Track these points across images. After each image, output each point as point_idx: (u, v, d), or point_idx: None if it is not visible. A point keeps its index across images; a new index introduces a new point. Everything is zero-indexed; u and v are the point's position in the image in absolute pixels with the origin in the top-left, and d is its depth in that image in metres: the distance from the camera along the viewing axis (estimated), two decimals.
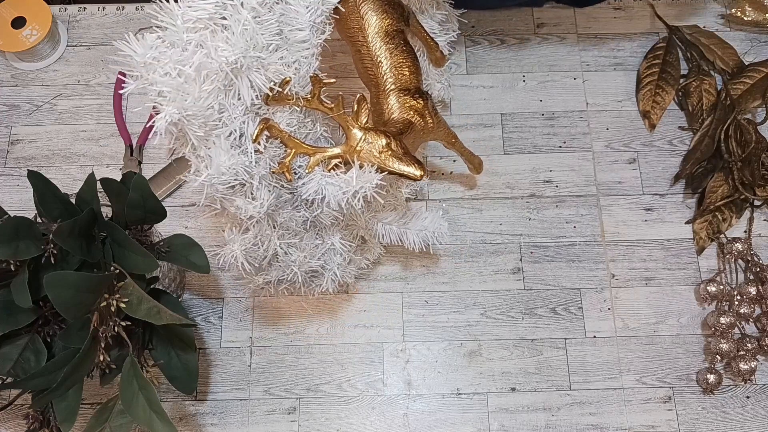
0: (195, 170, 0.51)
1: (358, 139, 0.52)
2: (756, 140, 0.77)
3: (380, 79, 0.58)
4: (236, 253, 0.57)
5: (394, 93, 0.57)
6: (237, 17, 0.46)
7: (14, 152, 0.81)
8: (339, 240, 0.63)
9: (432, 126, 0.59)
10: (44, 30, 0.82)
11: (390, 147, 0.52)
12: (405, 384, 0.72)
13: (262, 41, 0.47)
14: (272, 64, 0.49)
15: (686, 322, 0.74)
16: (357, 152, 0.52)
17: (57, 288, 0.50)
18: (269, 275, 0.64)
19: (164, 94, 0.45)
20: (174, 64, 0.45)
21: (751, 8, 0.85)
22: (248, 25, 0.46)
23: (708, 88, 0.81)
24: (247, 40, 0.46)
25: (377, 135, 0.52)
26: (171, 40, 0.45)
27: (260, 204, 0.52)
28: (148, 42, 0.45)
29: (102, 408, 0.57)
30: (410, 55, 0.59)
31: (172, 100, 0.45)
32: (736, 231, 0.77)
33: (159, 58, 0.45)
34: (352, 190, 0.51)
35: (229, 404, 0.71)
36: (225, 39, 0.45)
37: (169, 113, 0.45)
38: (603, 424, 0.70)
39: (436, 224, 0.66)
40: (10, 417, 0.70)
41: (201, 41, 0.45)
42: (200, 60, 0.45)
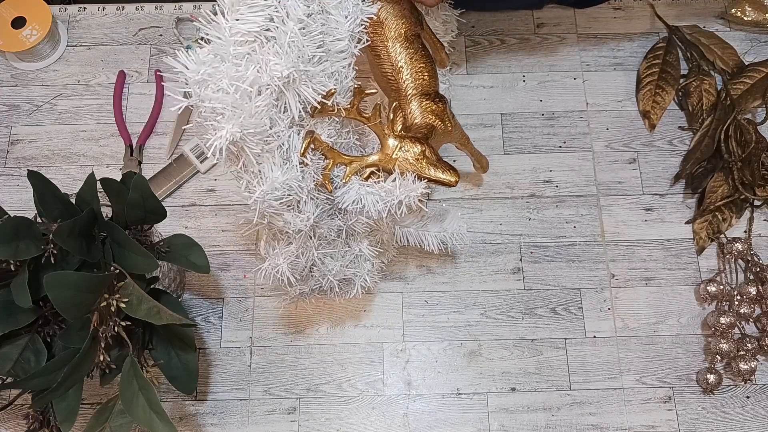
0: (247, 187, 0.50)
1: (394, 148, 0.52)
2: (756, 140, 0.77)
3: (401, 84, 0.57)
4: (282, 267, 0.56)
5: (416, 98, 0.57)
6: (284, 29, 0.44)
7: (14, 152, 0.81)
8: (367, 246, 0.63)
9: (451, 129, 0.59)
10: (44, 30, 0.82)
11: (425, 154, 0.52)
12: (405, 384, 0.72)
13: (308, 53, 0.47)
14: (316, 76, 0.48)
15: (686, 322, 0.74)
16: (393, 161, 0.52)
17: (57, 288, 0.50)
18: (305, 286, 0.64)
19: (219, 110, 0.44)
20: (230, 80, 0.43)
21: (751, 8, 0.85)
22: (295, 37, 0.45)
23: (708, 88, 0.81)
24: (296, 53, 0.45)
25: (412, 143, 0.52)
26: (218, 53, 0.44)
27: (307, 217, 0.52)
28: (201, 57, 0.44)
29: (102, 408, 0.57)
30: (428, 59, 0.59)
31: (230, 118, 0.44)
32: (736, 231, 0.77)
33: (213, 74, 0.44)
34: (396, 199, 0.51)
35: (229, 404, 0.71)
36: (275, 52, 0.44)
37: (231, 131, 0.44)
38: (603, 424, 0.70)
39: (455, 225, 0.66)
40: (10, 417, 0.71)
41: (249, 55, 0.44)
42: (253, 75, 0.44)
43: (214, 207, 0.79)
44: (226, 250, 0.77)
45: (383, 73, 0.58)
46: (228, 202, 0.79)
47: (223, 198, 0.79)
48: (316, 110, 0.49)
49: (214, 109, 0.44)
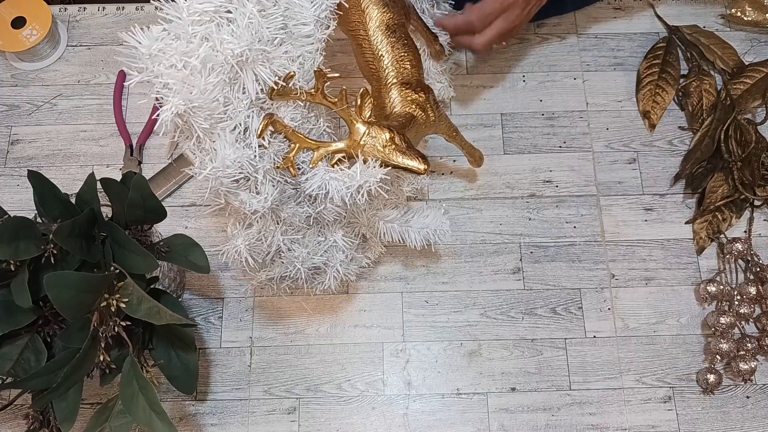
0: (200, 163, 0.51)
1: (362, 134, 0.52)
2: (756, 140, 0.77)
3: (381, 72, 0.58)
4: (240, 248, 0.57)
5: (395, 86, 0.57)
6: (242, 10, 0.46)
7: (14, 152, 0.81)
8: (341, 237, 0.63)
9: (434, 119, 0.59)
10: (44, 30, 0.82)
11: (394, 141, 0.52)
12: (405, 384, 0.72)
13: (267, 35, 0.47)
14: (277, 59, 0.49)
15: (686, 322, 0.74)
16: (361, 147, 0.52)
17: (57, 288, 0.50)
18: (272, 272, 0.64)
19: (170, 86, 0.45)
20: (180, 55, 0.45)
21: (751, 8, 0.85)
22: (253, 18, 0.46)
23: (708, 88, 0.81)
24: (252, 33, 0.46)
25: (381, 129, 0.52)
26: (176, 32, 0.45)
27: (264, 198, 0.53)
28: (154, 34, 0.45)
29: (102, 408, 0.57)
30: (411, 49, 0.59)
31: (178, 92, 0.45)
32: (736, 231, 0.77)
33: (165, 50, 0.45)
34: (356, 184, 0.51)
35: (229, 404, 0.71)
36: (231, 32, 0.45)
37: (175, 104, 0.45)
38: (603, 424, 0.70)
39: (437, 222, 0.66)
40: (10, 417, 0.71)
41: (206, 34, 0.45)
42: (206, 52, 0.45)
43: (214, 207, 0.79)
44: None
45: (366, 61, 0.58)
46: None
47: None
48: (273, 92, 0.49)
49: (165, 84, 0.45)
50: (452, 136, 0.67)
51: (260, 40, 0.47)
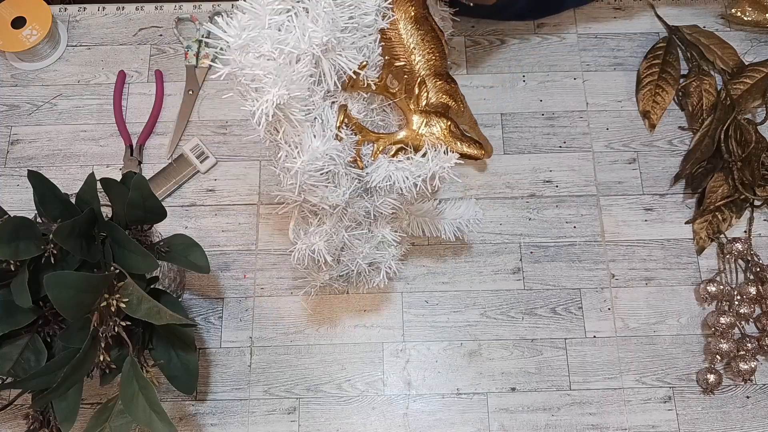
0: (285, 157, 0.49)
1: (420, 123, 0.52)
2: (756, 140, 0.77)
3: (414, 65, 0.58)
4: (319, 245, 0.56)
5: (429, 78, 0.57)
6: (317, 0, 0.44)
7: (14, 152, 0.81)
8: (389, 231, 0.63)
9: (462, 109, 0.60)
10: (44, 30, 0.82)
11: (450, 129, 0.53)
12: (405, 384, 0.72)
13: (341, 23, 0.46)
14: (348, 48, 0.48)
15: (686, 322, 0.74)
16: (420, 137, 0.52)
17: (57, 288, 0.50)
18: (334, 270, 0.63)
19: (260, 77, 0.43)
20: (274, 44, 0.43)
21: (751, 8, 0.85)
22: (328, 7, 0.45)
23: (708, 88, 0.81)
24: (330, 21, 0.45)
25: (438, 118, 0.52)
26: (256, 23, 0.44)
27: (343, 192, 0.52)
28: (242, 23, 0.43)
29: (102, 408, 0.57)
30: (438, 40, 0.59)
31: (274, 83, 0.43)
32: (736, 231, 0.77)
33: (256, 39, 0.43)
34: (429, 171, 0.50)
35: (229, 404, 0.71)
36: (312, 19, 0.44)
37: (278, 94, 0.43)
38: (603, 424, 0.70)
39: (471, 211, 0.66)
40: (10, 417, 0.71)
41: (286, 24, 0.44)
42: (295, 41, 0.43)
43: (214, 207, 0.79)
44: (226, 250, 0.77)
45: (395, 56, 0.58)
46: (228, 202, 0.79)
47: (223, 198, 0.79)
48: (349, 83, 0.49)
49: (254, 76, 0.43)
50: (473, 126, 0.69)
51: (336, 27, 0.46)
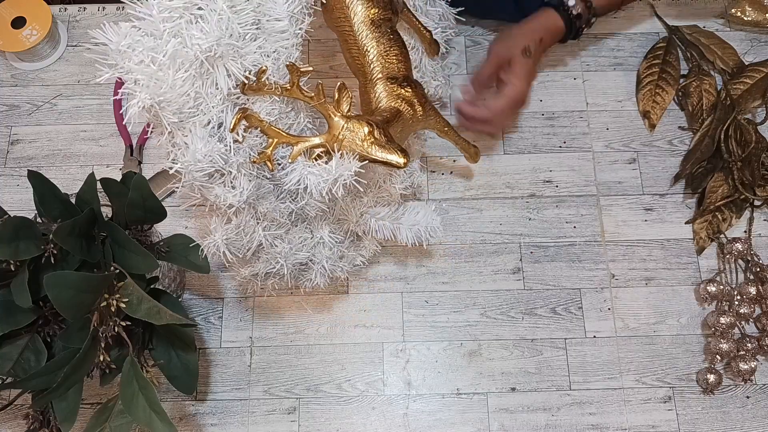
0: (172, 158, 0.51)
1: (340, 128, 0.51)
2: (756, 140, 0.77)
3: (367, 67, 0.58)
4: (218, 242, 0.57)
5: (381, 81, 0.57)
6: (212, 6, 0.46)
7: (14, 152, 0.81)
8: (328, 234, 0.64)
9: (422, 114, 0.59)
10: (44, 30, 0.82)
11: (373, 135, 0.52)
12: (405, 384, 0.72)
13: (239, 30, 0.48)
14: (250, 54, 0.49)
15: (686, 322, 0.74)
16: (339, 141, 0.51)
17: (57, 288, 0.50)
18: (255, 268, 0.64)
19: (139, 81, 0.46)
20: (148, 51, 0.46)
21: (751, 8, 0.85)
22: (224, 14, 0.46)
23: (708, 88, 0.81)
24: (222, 29, 0.46)
25: (359, 123, 0.52)
26: (148, 30, 0.46)
27: (240, 193, 0.53)
28: (123, 30, 0.47)
29: (102, 408, 0.57)
30: (397, 44, 0.59)
31: (146, 86, 0.46)
32: (736, 231, 0.77)
33: (133, 46, 0.46)
34: (331, 178, 0.51)
35: (229, 404, 0.71)
36: (200, 28, 0.46)
37: (142, 99, 0.46)
38: (603, 424, 0.70)
39: (428, 219, 0.66)
40: (10, 417, 0.71)
41: (176, 30, 0.46)
42: (174, 48, 0.45)
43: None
44: None
45: (352, 57, 0.58)
46: None
47: None
48: (246, 86, 0.49)
49: (136, 80, 0.46)
50: (443, 131, 0.67)
51: (231, 35, 0.47)
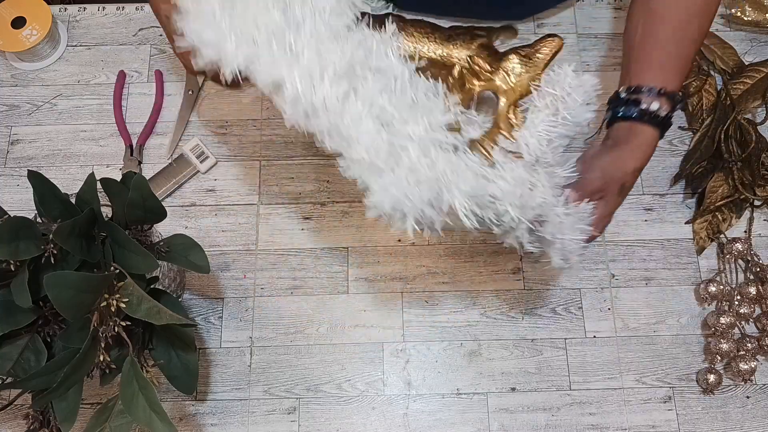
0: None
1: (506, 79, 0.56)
2: (756, 140, 0.77)
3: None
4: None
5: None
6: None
7: (14, 152, 0.81)
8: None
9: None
10: (44, 30, 0.82)
11: (518, 53, 0.56)
12: (405, 384, 0.72)
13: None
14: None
15: (686, 322, 0.74)
16: (515, 83, 0.55)
17: (57, 288, 0.50)
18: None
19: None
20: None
21: (751, 8, 0.85)
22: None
23: (708, 88, 0.81)
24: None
25: (505, 59, 0.56)
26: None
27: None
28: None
29: (102, 408, 0.57)
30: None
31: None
32: (736, 231, 0.77)
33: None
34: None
35: (229, 404, 0.71)
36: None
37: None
38: (603, 424, 0.70)
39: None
40: (10, 417, 0.71)
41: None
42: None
43: (214, 207, 0.79)
44: (226, 250, 0.77)
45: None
46: (228, 202, 0.79)
47: (223, 198, 0.79)
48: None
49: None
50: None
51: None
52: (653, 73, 0.62)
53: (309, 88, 0.52)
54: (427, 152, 0.53)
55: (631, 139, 0.61)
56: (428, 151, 0.53)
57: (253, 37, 0.53)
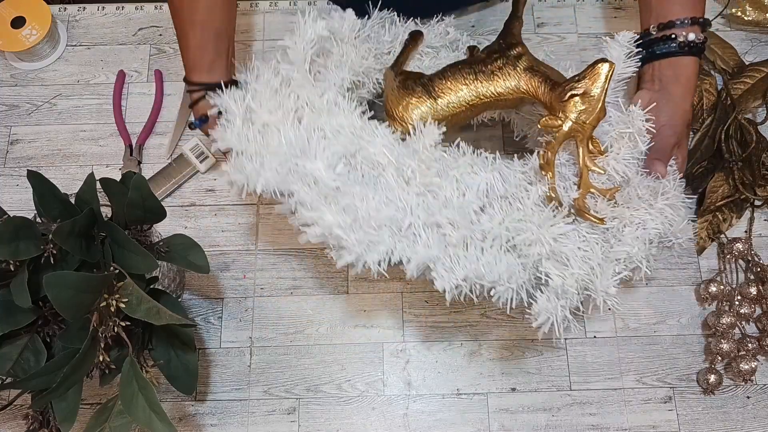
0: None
1: (566, 118, 0.56)
2: (756, 140, 0.77)
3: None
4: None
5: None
6: None
7: (14, 152, 0.81)
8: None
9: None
10: (44, 30, 0.82)
11: (573, 86, 0.56)
12: (405, 384, 0.72)
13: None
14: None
15: (686, 322, 0.74)
16: (580, 120, 0.55)
17: (57, 288, 0.50)
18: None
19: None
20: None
21: (751, 8, 0.85)
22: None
23: (708, 87, 0.81)
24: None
25: (564, 101, 0.56)
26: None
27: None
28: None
29: (102, 408, 0.57)
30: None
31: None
32: (736, 231, 0.77)
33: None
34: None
35: (229, 404, 0.71)
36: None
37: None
38: (603, 425, 0.70)
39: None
40: (10, 417, 0.70)
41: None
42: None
43: (213, 207, 0.79)
44: (226, 250, 0.77)
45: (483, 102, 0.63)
46: (228, 202, 0.79)
47: (223, 198, 0.79)
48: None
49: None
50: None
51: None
52: (679, 5, 0.63)
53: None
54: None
55: (680, 76, 0.63)
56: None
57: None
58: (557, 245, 0.55)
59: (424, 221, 0.57)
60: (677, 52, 0.63)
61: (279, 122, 0.59)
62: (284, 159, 0.58)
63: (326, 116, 0.59)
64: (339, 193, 0.57)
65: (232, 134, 0.60)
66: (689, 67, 0.64)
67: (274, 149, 0.58)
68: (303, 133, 0.59)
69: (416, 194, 0.57)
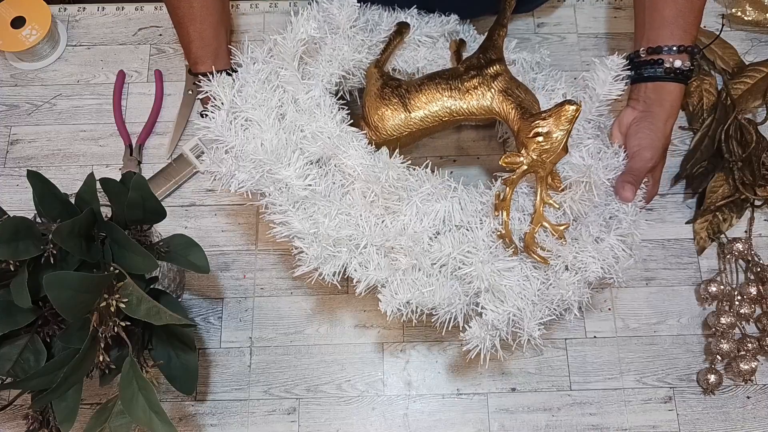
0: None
1: (531, 150, 0.57)
2: (756, 140, 0.77)
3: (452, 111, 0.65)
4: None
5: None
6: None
7: (14, 152, 0.81)
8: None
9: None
10: (44, 30, 0.82)
11: (538, 124, 0.56)
12: (405, 384, 0.72)
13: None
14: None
15: (687, 322, 0.74)
16: (542, 156, 0.56)
17: (57, 288, 0.50)
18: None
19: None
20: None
21: (751, 8, 0.85)
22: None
23: (708, 87, 0.81)
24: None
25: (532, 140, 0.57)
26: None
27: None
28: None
29: (102, 408, 0.57)
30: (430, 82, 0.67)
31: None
32: (736, 231, 0.77)
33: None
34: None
35: (228, 404, 0.71)
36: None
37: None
38: (603, 425, 0.70)
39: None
40: (10, 417, 0.70)
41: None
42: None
43: (213, 207, 0.79)
44: (226, 250, 0.77)
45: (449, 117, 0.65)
46: (227, 202, 0.79)
47: (223, 198, 0.79)
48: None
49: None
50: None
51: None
52: (669, 30, 0.63)
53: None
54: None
55: (664, 100, 0.64)
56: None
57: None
58: (497, 281, 0.57)
59: (379, 244, 0.59)
60: (663, 78, 0.64)
61: (261, 120, 0.61)
62: (259, 164, 0.60)
63: (308, 117, 0.61)
64: (307, 202, 0.60)
65: (216, 124, 0.62)
66: (673, 93, 0.64)
67: (250, 152, 0.61)
68: (282, 134, 0.61)
69: (376, 216, 0.59)
